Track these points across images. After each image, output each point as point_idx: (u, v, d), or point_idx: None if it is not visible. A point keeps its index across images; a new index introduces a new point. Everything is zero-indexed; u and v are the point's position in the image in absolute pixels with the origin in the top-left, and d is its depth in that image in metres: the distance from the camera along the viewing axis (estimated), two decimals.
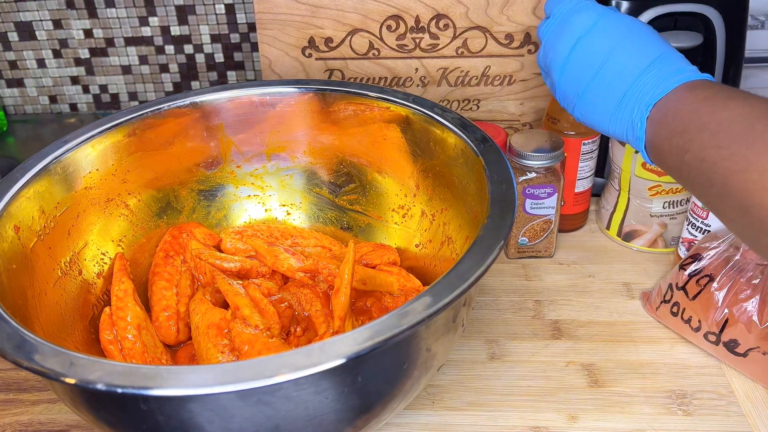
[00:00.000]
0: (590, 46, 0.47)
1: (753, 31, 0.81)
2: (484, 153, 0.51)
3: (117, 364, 0.34)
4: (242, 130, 0.64)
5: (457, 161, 0.55)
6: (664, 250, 0.70)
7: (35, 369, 0.34)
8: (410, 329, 0.36)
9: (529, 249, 0.70)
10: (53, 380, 0.33)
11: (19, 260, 0.47)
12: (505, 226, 0.43)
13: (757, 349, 0.54)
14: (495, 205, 0.46)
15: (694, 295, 0.58)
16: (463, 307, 0.45)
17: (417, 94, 0.79)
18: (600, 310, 0.64)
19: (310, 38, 0.76)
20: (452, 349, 0.50)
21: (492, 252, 0.41)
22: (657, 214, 0.68)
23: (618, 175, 0.70)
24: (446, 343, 0.45)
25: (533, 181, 0.66)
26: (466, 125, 0.55)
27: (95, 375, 0.32)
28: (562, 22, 0.50)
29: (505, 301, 0.65)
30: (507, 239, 0.42)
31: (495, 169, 0.49)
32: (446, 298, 0.37)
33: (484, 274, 0.40)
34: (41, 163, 0.52)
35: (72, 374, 0.33)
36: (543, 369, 0.58)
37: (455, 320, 0.45)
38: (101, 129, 0.57)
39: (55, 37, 0.91)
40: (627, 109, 0.45)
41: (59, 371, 0.33)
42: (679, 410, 0.54)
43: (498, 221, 0.44)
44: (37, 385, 0.58)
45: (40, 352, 0.35)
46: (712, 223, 0.63)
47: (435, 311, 0.37)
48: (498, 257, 0.69)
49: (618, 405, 0.54)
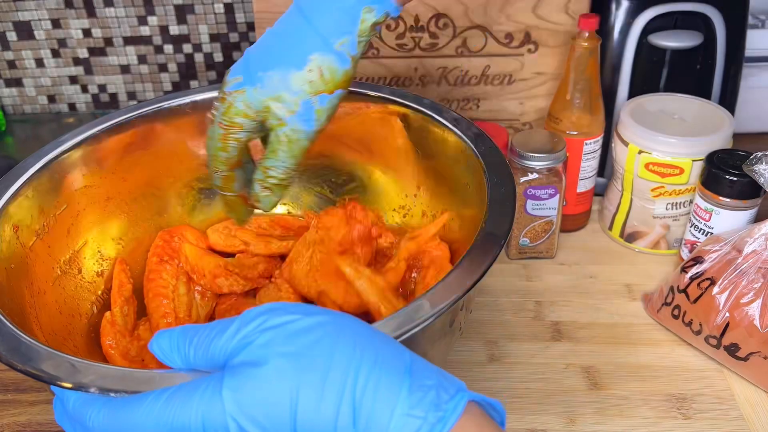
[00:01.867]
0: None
1: (753, 30, 0.81)
2: (485, 155, 0.52)
3: (111, 368, 0.35)
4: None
5: (458, 162, 0.55)
6: (667, 252, 0.71)
7: (29, 372, 0.35)
8: (404, 335, 0.37)
9: (531, 250, 0.71)
10: (47, 383, 0.34)
11: (18, 259, 0.48)
12: (502, 231, 0.44)
13: (758, 354, 0.55)
14: (493, 208, 0.46)
15: (695, 298, 0.58)
16: (461, 312, 0.46)
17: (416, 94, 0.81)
18: (601, 312, 0.64)
19: None
20: (449, 352, 0.51)
21: (488, 258, 0.42)
22: (660, 215, 0.69)
23: (621, 176, 0.70)
24: (443, 348, 0.46)
25: (535, 182, 0.67)
26: (466, 125, 0.55)
27: (89, 378, 0.34)
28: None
29: (505, 302, 0.66)
30: (504, 245, 0.43)
31: (495, 171, 0.50)
32: (441, 305, 0.38)
33: (480, 280, 0.40)
34: (40, 162, 0.53)
35: (66, 378, 0.34)
36: (542, 371, 0.58)
37: (452, 325, 0.45)
38: (100, 128, 0.58)
39: (54, 37, 0.92)
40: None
41: (53, 374, 0.34)
42: (679, 414, 0.54)
43: (496, 225, 0.45)
44: (36, 385, 0.59)
45: (35, 355, 0.36)
46: (714, 225, 0.63)
47: (430, 319, 0.37)
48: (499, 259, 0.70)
49: (617, 408, 0.55)
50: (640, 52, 0.73)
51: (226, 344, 0.32)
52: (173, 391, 0.33)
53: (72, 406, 0.35)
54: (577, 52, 0.68)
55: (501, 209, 0.46)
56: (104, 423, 0.33)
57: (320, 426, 0.30)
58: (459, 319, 0.46)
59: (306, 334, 0.32)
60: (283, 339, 0.32)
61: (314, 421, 0.30)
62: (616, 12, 0.73)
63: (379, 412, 0.30)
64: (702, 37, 0.71)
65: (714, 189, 0.62)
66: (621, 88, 0.75)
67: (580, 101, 0.70)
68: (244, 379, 0.31)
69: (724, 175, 0.61)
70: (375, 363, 0.31)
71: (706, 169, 0.63)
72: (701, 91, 0.74)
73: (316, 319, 0.32)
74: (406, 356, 0.32)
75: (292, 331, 0.32)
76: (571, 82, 0.69)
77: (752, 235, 0.57)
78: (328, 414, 0.30)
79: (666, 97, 0.71)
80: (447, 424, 0.29)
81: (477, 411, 0.31)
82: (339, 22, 0.44)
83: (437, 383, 0.31)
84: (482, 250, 0.42)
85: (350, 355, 0.31)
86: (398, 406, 0.30)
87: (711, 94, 0.75)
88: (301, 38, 0.45)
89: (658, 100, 0.71)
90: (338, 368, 0.31)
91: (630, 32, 0.72)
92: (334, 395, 0.30)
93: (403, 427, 0.29)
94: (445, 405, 0.30)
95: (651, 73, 0.75)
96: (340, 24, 0.44)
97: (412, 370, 0.31)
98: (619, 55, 0.74)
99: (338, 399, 0.30)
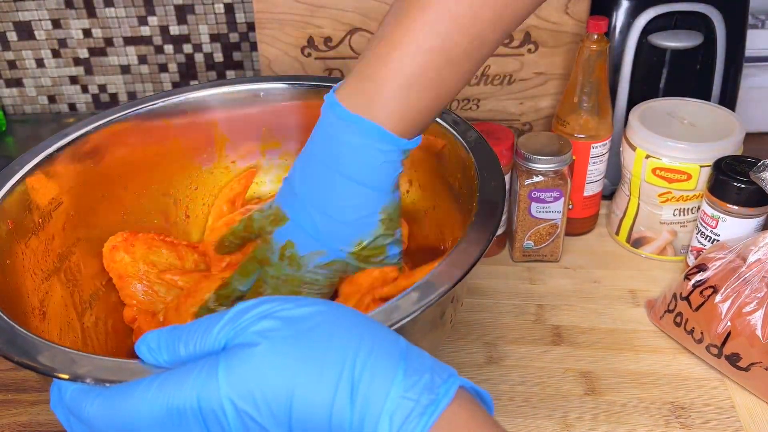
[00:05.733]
0: None
1: (753, 30, 0.84)
2: (475, 151, 0.55)
3: (106, 359, 0.37)
4: (237, 126, 0.68)
5: (449, 158, 0.58)
6: (674, 258, 0.73)
7: (25, 364, 0.38)
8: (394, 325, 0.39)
9: (535, 252, 0.74)
10: (44, 375, 0.37)
11: (14, 255, 0.52)
12: (491, 226, 0.47)
13: (760, 364, 0.57)
14: (483, 205, 0.49)
15: (697, 306, 0.60)
16: (451, 304, 0.49)
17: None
18: (603, 317, 0.67)
19: (309, 38, 0.81)
20: (440, 345, 0.53)
21: (477, 250, 0.44)
22: (667, 221, 0.71)
23: (628, 180, 0.73)
24: (433, 340, 0.49)
25: (539, 185, 0.70)
26: (458, 122, 0.58)
27: (84, 369, 0.37)
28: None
29: (506, 304, 0.69)
30: (491, 240, 0.46)
31: (485, 168, 0.53)
32: (430, 296, 0.41)
33: (467, 274, 0.43)
34: (36, 159, 0.56)
35: (62, 369, 0.37)
36: (540, 375, 0.61)
37: (442, 317, 0.48)
38: (95, 125, 0.60)
39: (54, 37, 0.97)
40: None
41: (50, 366, 0.37)
42: (677, 422, 0.57)
43: (485, 221, 0.48)
44: (36, 385, 0.62)
45: (31, 347, 0.39)
46: (721, 232, 0.65)
47: (418, 310, 0.40)
48: (503, 261, 0.73)
49: (614, 415, 0.57)
50: (640, 52, 0.76)
51: (220, 333, 0.34)
52: (167, 375, 0.34)
53: (69, 397, 0.37)
54: (586, 55, 0.71)
55: (491, 204, 0.49)
56: (98, 412, 0.35)
57: (317, 406, 0.32)
58: (449, 312, 0.49)
59: (304, 321, 0.34)
60: (280, 324, 0.34)
61: (311, 401, 0.32)
62: (616, 12, 0.76)
63: (375, 393, 0.32)
64: (702, 37, 0.74)
65: (721, 196, 0.64)
66: (621, 88, 0.78)
67: (587, 104, 0.72)
68: (240, 360, 0.33)
69: (731, 182, 0.63)
70: (372, 347, 0.33)
71: (713, 176, 0.65)
72: (701, 91, 0.77)
73: (314, 308, 0.35)
74: (402, 343, 0.35)
75: (290, 317, 0.34)
76: (578, 84, 0.72)
77: (757, 243, 0.59)
78: (326, 394, 0.32)
79: (676, 100, 0.74)
80: (439, 406, 0.32)
81: (468, 397, 0.34)
82: (390, 168, 0.50)
83: (430, 369, 0.34)
84: (470, 246, 0.45)
85: (348, 340, 0.33)
86: (393, 388, 0.32)
87: (711, 94, 0.78)
88: (363, 189, 0.51)
89: (668, 104, 0.73)
90: (336, 351, 0.33)
91: (630, 32, 0.76)
92: (332, 376, 0.32)
93: (397, 408, 0.32)
94: (437, 389, 0.33)
95: (651, 73, 0.77)
96: (390, 169, 0.50)
97: (407, 355, 0.34)
98: (619, 56, 0.77)
99: (336, 380, 0.32)
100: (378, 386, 0.32)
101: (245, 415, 0.32)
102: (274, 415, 0.32)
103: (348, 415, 0.32)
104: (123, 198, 0.64)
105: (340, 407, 0.32)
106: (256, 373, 0.32)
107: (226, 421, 0.33)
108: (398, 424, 0.31)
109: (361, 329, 0.34)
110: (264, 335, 0.33)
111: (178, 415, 0.33)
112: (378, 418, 0.32)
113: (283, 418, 0.32)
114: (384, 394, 0.32)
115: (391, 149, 0.48)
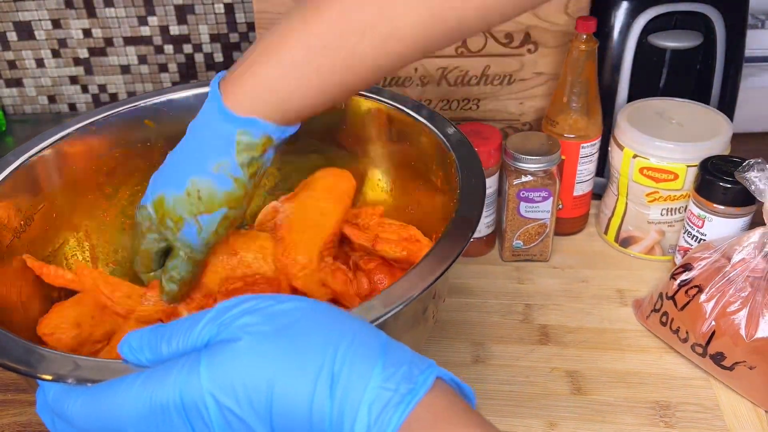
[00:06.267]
0: None
1: (753, 30, 0.84)
2: (456, 148, 0.56)
3: (88, 359, 0.39)
4: None
5: (431, 156, 0.59)
6: (662, 258, 0.74)
7: (6, 365, 0.39)
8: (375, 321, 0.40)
9: (524, 252, 0.75)
10: (27, 376, 0.39)
11: None
12: (471, 223, 0.48)
13: (744, 363, 0.58)
14: (464, 202, 0.50)
15: (682, 305, 0.61)
16: (432, 300, 0.50)
17: (417, 94, 0.85)
18: (590, 317, 0.68)
19: None
20: (423, 342, 0.54)
21: (455, 250, 0.46)
22: (655, 221, 0.72)
23: (616, 180, 0.74)
24: (416, 336, 0.50)
25: (528, 185, 0.71)
26: (438, 119, 0.59)
27: (66, 369, 0.38)
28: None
29: (494, 303, 0.70)
30: (471, 237, 0.47)
31: (466, 165, 0.54)
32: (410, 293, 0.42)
33: (447, 271, 0.44)
34: (19, 159, 0.56)
35: (43, 370, 0.38)
36: (526, 374, 0.62)
37: (425, 313, 0.49)
38: (76, 127, 0.61)
39: (54, 37, 0.98)
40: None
41: (32, 367, 0.39)
42: (661, 422, 0.58)
43: (465, 218, 0.49)
44: (36, 385, 0.63)
45: (13, 349, 0.40)
46: (707, 232, 0.66)
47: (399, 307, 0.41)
48: (491, 260, 0.74)
49: (599, 414, 0.58)
50: (639, 53, 0.77)
51: (203, 330, 0.36)
52: (150, 372, 0.35)
53: (52, 397, 0.38)
54: (575, 55, 0.71)
55: (471, 201, 0.50)
56: (82, 410, 0.36)
57: (297, 399, 0.33)
58: (431, 309, 0.50)
59: (284, 316, 0.35)
60: (261, 320, 0.35)
61: (292, 394, 0.33)
62: (615, 12, 0.76)
63: (354, 385, 0.33)
64: (702, 37, 0.75)
65: (707, 196, 0.65)
66: (621, 88, 0.79)
67: (577, 104, 0.73)
68: (221, 355, 0.34)
69: (717, 182, 0.64)
70: (352, 341, 0.34)
71: (700, 176, 0.66)
72: (701, 91, 0.78)
73: (294, 304, 0.36)
74: (382, 337, 0.36)
75: (271, 313, 0.35)
76: (568, 84, 0.73)
77: (741, 243, 0.60)
78: (306, 388, 0.33)
79: (666, 101, 0.75)
80: (416, 395, 0.33)
81: (447, 388, 0.35)
82: (215, 146, 0.49)
83: (410, 361, 0.35)
84: (450, 242, 0.46)
85: (328, 334, 0.34)
86: (372, 380, 0.33)
87: (711, 95, 0.79)
88: (182, 161, 0.51)
89: (658, 104, 0.74)
90: (316, 345, 0.34)
91: (630, 32, 0.76)
92: (312, 370, 0.33)
93: (376, 398, 0.33)
94: (415, 378, 0.34)
95: (651, 74, 0.78)
96: (216, 147, 0.49)
97: (387, 348, 0.35)
98: (619, 56, 0.78)
99: (316, 373, 0.33)
100: (357, 378, 0.33)
101: (226, 410, 0.33)
102: (254, 409, 0.33)
103: (328, 407, 0.33)
104: (110, 200, 0.64)
105: (320, 400, 0.33)
106: (237, 368, 0.33)
107: (208, 416, 0.34)
108: (376, 413, 0.32)
109: (341, 324, 0.35)
110: (245, 330, 0.34)
111: (161, 411, 0.34)
112: (357, 408, 0.33)
113: (264, 412, 0.33)
114: (363, 385, 0.33)
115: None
